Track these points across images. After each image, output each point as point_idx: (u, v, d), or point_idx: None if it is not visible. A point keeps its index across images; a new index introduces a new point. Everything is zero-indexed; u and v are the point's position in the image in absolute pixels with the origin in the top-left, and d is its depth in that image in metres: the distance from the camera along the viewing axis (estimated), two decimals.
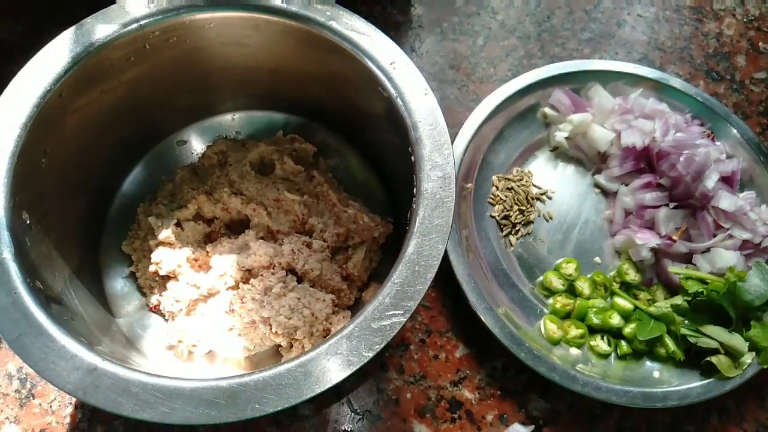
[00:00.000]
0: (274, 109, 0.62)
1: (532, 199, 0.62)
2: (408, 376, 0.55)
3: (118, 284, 0.54)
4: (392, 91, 0.47)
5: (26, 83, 0.45)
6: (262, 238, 0.55)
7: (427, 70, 0.71)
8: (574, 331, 0.56)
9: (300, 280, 0.53)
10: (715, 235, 0.59)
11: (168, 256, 0.53)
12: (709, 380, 0.53)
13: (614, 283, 0.59)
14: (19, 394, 0.52)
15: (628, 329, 0.56)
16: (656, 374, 0.55)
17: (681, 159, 0.60)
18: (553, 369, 0.52)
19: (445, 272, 0.55)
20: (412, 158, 0.46)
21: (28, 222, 0.44)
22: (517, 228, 0.61)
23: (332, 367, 0.38)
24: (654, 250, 0.59)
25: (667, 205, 0.61)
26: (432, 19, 0.75)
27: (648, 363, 0.56)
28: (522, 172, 0.64)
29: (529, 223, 0.62)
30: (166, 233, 0.53)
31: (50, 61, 0.45)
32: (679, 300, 0.55)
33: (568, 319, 0.57)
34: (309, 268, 0.52)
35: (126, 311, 0.54)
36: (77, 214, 0.52)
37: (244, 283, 0.52)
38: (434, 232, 0.43)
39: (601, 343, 0.56)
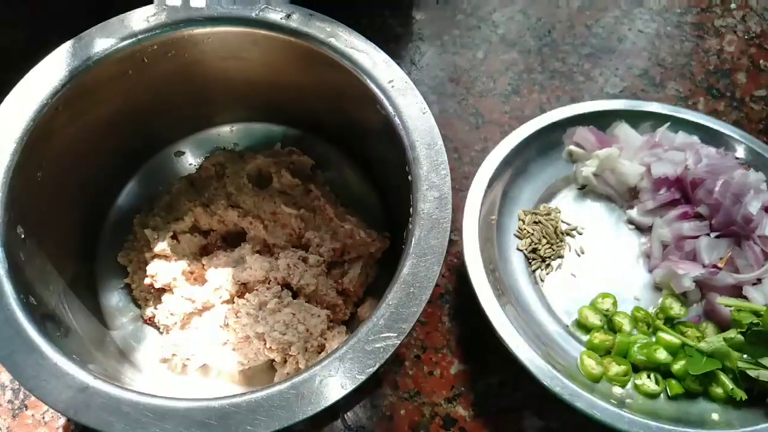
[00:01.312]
0: (273, 122, 0.62)
1: (562, 233, 0.60)
2: (402, 393, 0.55)
3: (113, 296, 0.54)
4: (390, 109, 0.47)
5: (23, 97, 0.45)
6: (258, 251, 0.54)
7: (427, 84, 0.71)
8: (616, 368, 0.52)
9: (295, 295, 0.53)
10: (764, 265, 0.56)
11: (163, 268, 0.53)
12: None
13: (657, 320, 0.56)
14: (12, 404, 0.52)
15: (677, 366, 0.52)
16: (715, 416, 0.50)
17: (718, 184, 0.57)
18: (594, 406, 0.47)
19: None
20: (409, 177, 0.46)
21: (23, 236, 0.43)
22: (547, 263, 0.59)
23: (324, 389, 0.38)
24: (699, 285, 0.57)
25: (707, 234, 0.58)
26: (432, 32, 0.75)
27: (704, 404, 0.52)
28: (549, 207, 0.62)
29: (559, 257, 0.59)
30: (162, 246, 0.53)
31: (47, 75, 0.45)
32: (732, 333, 0.51)
33: (608, 355, 0.54)
34: (304, 283, 0.52)
35: (120, 323, 0.53)
36: (73, 226, 0.52)
37: (239, 297, 0.52)
38: (430, 253, 0.42)
39: (648, 382, 0.52)
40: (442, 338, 0.57)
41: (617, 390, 0.52)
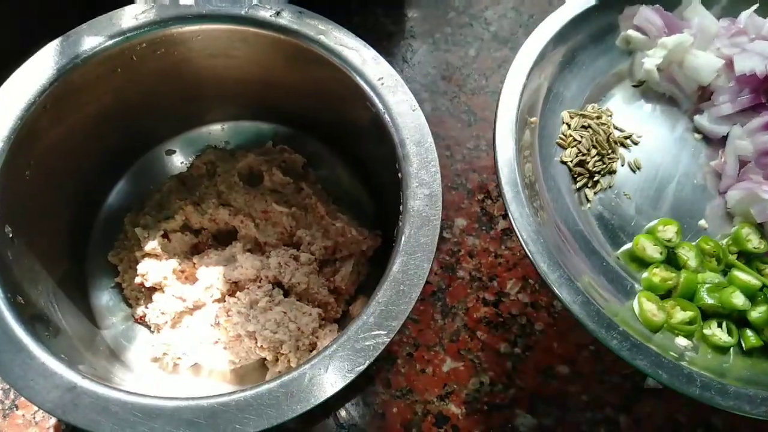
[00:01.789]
0: (264, 120, 0.61)
1: (615, 142, 0.49)
2: (395, 390, 0.55)
3: (104, 295, 0.54)
4: (380, 106, 0.47)
5: (10, 95, 0.44)
6: (249, 250, 0.54)
7: (419, 81, 0.71)
8: (681, 314, 0.43)
9: (287, 294, 0.53)
10: None
11: (154, 267, 0.52)
12: None
13: (729, 254, 0.46)
14: (2, 405, 0.52)
15: (756, 313, 0.43)
16: None
17: None
18: (659, 364, 0.39)
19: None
20: (399, 175, 0.45)
21: (11, 236, 0.43)
22: (595, 179, 0.49)
23: (315, 387, 0.38)
24: None
25: None
26: (425, 30, 0.75)
27: None
28: (599, 109, 0.51)
29: (611, 173, 0.49)
30: (152, 244, 0.53)
31: (35, 73, 0.45)
32: None
33: (669, 298, 0.45)
34: (296, 281, 0.52)
35: (111, 323, 0.53)
36: (63, 225, 0.51)
37: (230, 296, 0.52)
38: (420, 250, 0.42)
39: (718, 332, 0.43)
40: (435, 336, 0.57)
41: (681, 341, 0.43)
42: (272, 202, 0.55)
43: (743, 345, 0.43)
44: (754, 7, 0.52)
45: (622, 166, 0.50)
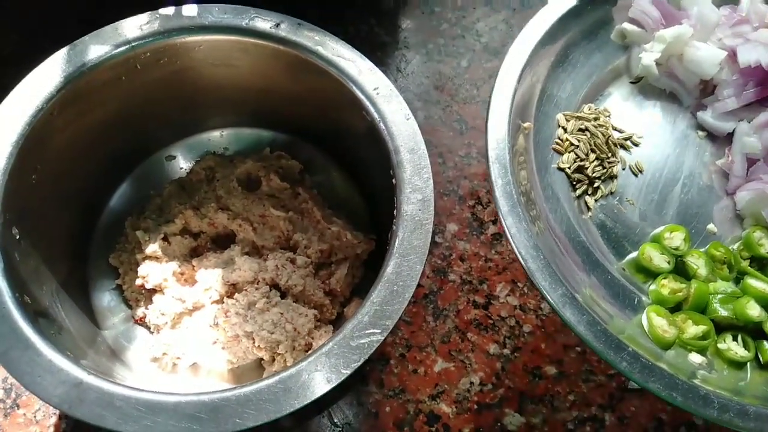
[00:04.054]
0: (262, 127, 0.63)
1: (614, 145, 0.46)
2: (387, 390, 0.56)
3: (105, 297, 0.55)
4: (375, 115, 0.49)
5: (19, 102, 0.46)
6: (247, 253, 0.56)
7: (413, 91, 0.73)
8: (694, 329, 0.40)
9: (283, 295, 0.54)
10: None
11: (154, 270, 0.54)
12: None
13: (741, 260, 0.43)
14: (4, 404, 0.53)
15: None
16: None
17: None
18: (673, 386, 0.36)
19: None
20: (393, 181, 0.47)
21: (18, 237, 0.45)
22: (595, 185, 0.46)
23: (311, 383, 0.40)
24: None
25: None
26: (418, 41, 0.77)
27: None
28: (597, 110, 0.47)
29: (611, 178, 0.46)
30: (153, 247, 0.55)
31: (43, 81, 0.47)
32: None
33: (679, 311, 0.42)
34: (292, 283, 0.53)
35: (112, 323, 0.55)
36: (66, 228, 0.53)
37: (228, 297, 0.53)
38: (413, 253, 0.44)
39: (734, 346, 0.40)
40: (426, 337, 0.59)
41: (695, 358, 0.40)
42: (270, 207, 0.57)
43: (761, 359, 0.40)
44: None
45: (624, 170, 0.46)
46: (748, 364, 0.40)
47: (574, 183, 0.46)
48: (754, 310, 0.40)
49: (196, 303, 0.53)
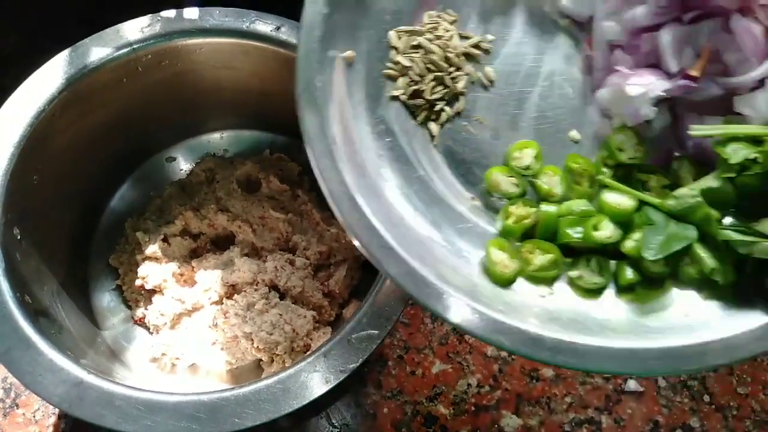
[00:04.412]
0: (262, 129, 0.64)
1: (459, 56, 0.38)
2: (385, 391, 0.57)
3: (105, 297, 0.56)
4: None
5: (20, 103, 0.46)
6: (246, 254, 0.56)
7: None
8: (540, 258, 0.35)
9: (282, 297, 0.54)
10: None
11: (154, 270, 0.54)
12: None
13: (603, 170, 0.36)
14: (3, 403, 0.53)
15: (631, 242, 0.34)
16: (684, 315, 0.32)
17: None
18: (498, 329, 0.31)
19: None
20: None
21: (19, 237, 0.45)
22: (436, 108, 0.38)
23: (310, 383, 0.40)
24: (667, 103, 0.36)
25: (678, 20, 0.34)
26: None
27: (674, 296, 0.33)
28: (437, 16, 0.39)
29: (457, 96, 0.38)
30: (153, 248, 0.55)
31: (45, 82, 0.47)
32: (714, 181, 0.32)
33: (531, 240, 0.36)
34: (291, 285, 0.54)
35: (111, 323, 0.55)
36: (67, 228, 0.53)
37: (227, 298, 0.54)
38: None
39: (586, 273, 0.34)
40: (424, 339, 0.59)
41: (542, 291, 0.34)
42: (269, 209, 0.57)
43: (619, 283, 0.34)
44: None
45: (472, 84, 0.38)
46: (608, 291, 0.35)
47: (414, 111, 0.38)
48: (604, 231, 0.34)
49: (195, 304, 0.54)
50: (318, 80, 0.35)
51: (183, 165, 0.63)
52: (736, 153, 0.31)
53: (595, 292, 0.34)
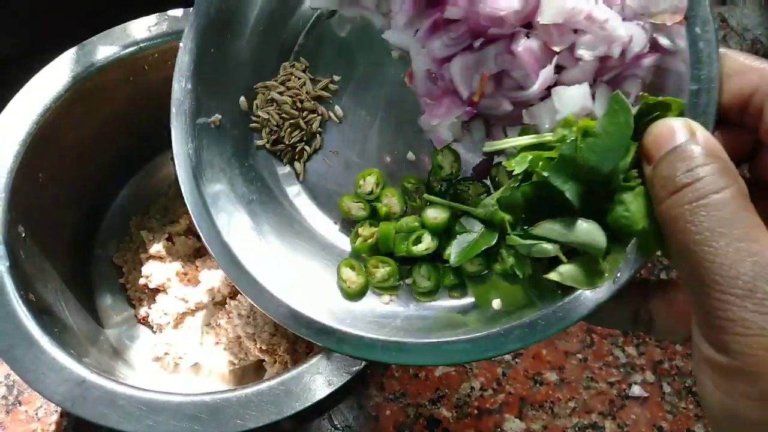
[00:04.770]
0: None
1: (310, 100, 0.42)
2: (388, 394, 0.56)
3: (108, 296, 0.56)
4: None
5: (26, 101, 0.46)
6: None
7: None
8: (381, 272, 0.39)
9: None
10: (546, 66, 0.36)
11: (158, 269, 0.54)
12: (561, 302, 0.33)
13: (435, 184, 0.40)
14: (6, 400, 0.53)
15: (448, 250, 0.38)
16: (495, 303, 0.37)
17: None
18: (343, 340, 0.36)
19: None
20: None
21: (24, 235, 0.45)
22: (298, 149, 0.42)
23: (313, 386, 0.40)
24: (481, 118, 0.40)
25: (470, 47, 0.37)
26: None
27: (492, 290, 0.38)
28: (291, 68, 0.43)
29: (314, 135, 0.42)
30: (157, 247, 0.55)
31: (51, 80, 0.47)
32: (506, 190, 0.35)
33: (375, 255, 0.40)
34: None
35: (114, 322, 0.55)
36: (71, 227, 0.53)
37: (231, 298, 0.54)
38: None
39: (419, 279, 0.39)
40: None
41: (384, 300, 0.39)
42: None
43: (444, 284, 0.39)
44: None
45: (327, 120, 0.42)
46: (445, 293, 0.39)
47: (280, 155, 0.43)
48: (422, 244, 0.38)
49: (198, 303, 0.54)
50: (190, 147, 0.40)
51: None
52: (521, 162, 0.33)
53: (429, 293, 0.39)
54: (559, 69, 0.36)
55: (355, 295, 0.39)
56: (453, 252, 0.37)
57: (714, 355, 0.25)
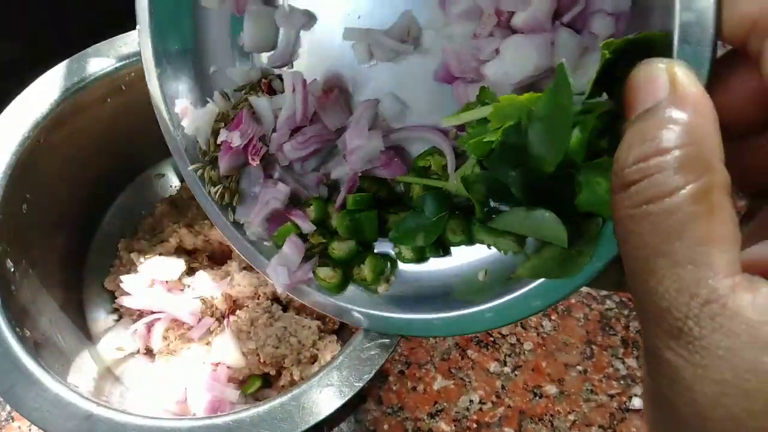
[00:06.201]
0: None
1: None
2: (386, 407, 0.56)
3: (101, 320, 0.55)
4: None
5: (3, 132, 0.45)
6: (245, 267, 0.55)
7: None
8: (326, 271, 0.40)
9: (285, 308, 0.54)
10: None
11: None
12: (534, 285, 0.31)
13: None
14: None
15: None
16: (481, 275, 0.35)
17: None
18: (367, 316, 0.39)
19: None
20: None
21: (12, 270, 0.44)
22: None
23: (324, 398, 0.40)
24: None
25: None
26: None
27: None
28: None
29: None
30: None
31: (28, 107, 0.46)
32: (469, 167, 0.32)
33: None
34: None
35: (110, 347, 0.54)
36: (59, 254, 0.52)
37: (231, 314, 0.53)
38: None
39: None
40: (426, 354, 0.58)
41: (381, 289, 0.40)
42: None
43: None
44: None
45: None
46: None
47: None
48: (339, 252, 0.40)
49: (194, 321, 0.53)
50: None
51: (173, 181, 0.61)
52: (472, 147, 0.28)
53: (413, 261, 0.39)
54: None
55: (334, 288, 0.40)
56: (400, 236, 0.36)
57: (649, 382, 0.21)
